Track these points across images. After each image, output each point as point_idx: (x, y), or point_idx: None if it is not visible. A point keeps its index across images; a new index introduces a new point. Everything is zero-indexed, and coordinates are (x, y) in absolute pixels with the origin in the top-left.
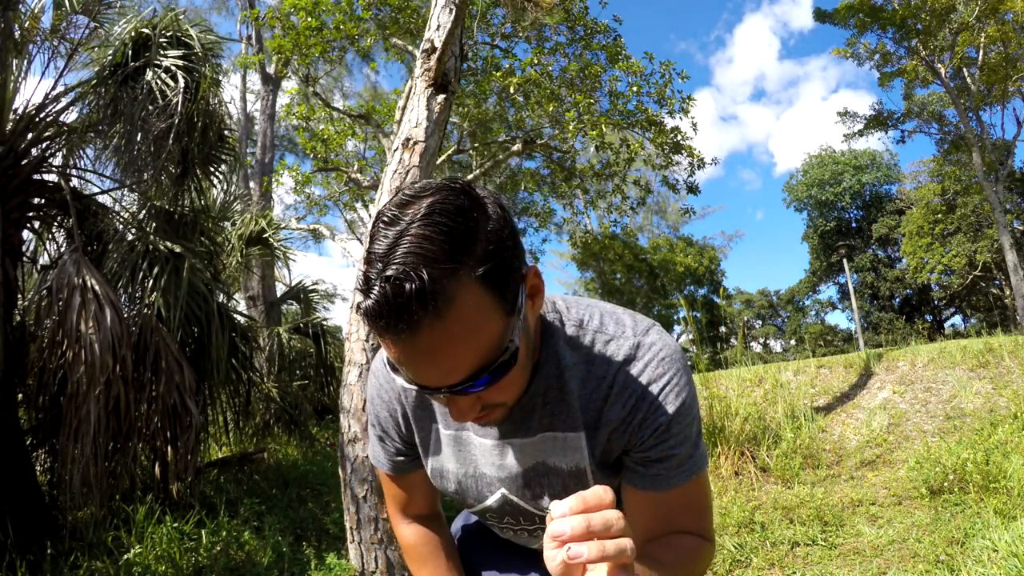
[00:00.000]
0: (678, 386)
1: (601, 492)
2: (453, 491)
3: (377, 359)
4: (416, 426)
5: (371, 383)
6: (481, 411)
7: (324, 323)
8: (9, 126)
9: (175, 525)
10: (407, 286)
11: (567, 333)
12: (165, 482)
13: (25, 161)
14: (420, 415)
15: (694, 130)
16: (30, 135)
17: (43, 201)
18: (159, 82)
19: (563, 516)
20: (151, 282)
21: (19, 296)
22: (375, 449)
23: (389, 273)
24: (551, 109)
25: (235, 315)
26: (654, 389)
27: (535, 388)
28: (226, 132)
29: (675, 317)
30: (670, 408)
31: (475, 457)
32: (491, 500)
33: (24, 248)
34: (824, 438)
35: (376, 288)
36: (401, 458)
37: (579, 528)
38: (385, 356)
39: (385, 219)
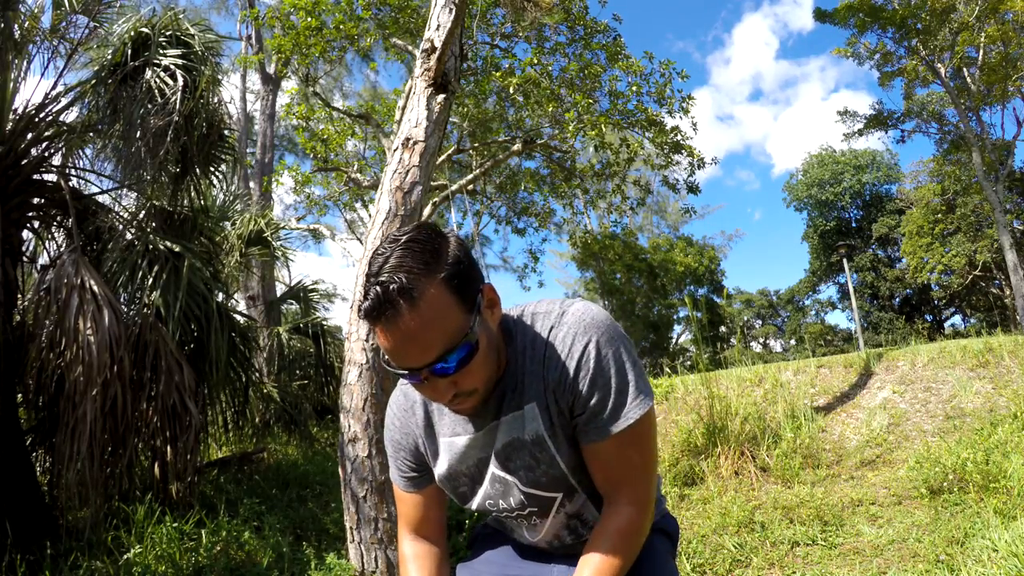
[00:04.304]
0: (599, 342)
1: None
2: (464, 484)
3: (395, 392)
4: (426, 442)
5: (389, 413)
6: (456, 397)
7: (324, 323)
8: (9, 126)
9: (175, 525)
10: (392, 286)
11: (520, 326)
12: (164, 482)
13: (25, 161)
14: (429, 433)
15: (694, 130)
16: (30, 135)
17: (43, 201)
18: (158, 81)
19: None
20: (150, 281)
21: (19, 296)
22: (391, 468)
23: (380, 279)
24: (551, 109)
25: (235, 315)
26: (577, 347)
27: (505, 380)
28: (226, 132)
29: (675, 317)
30: (593, 362)
31: (468, 452)
32: (486, 480)
33: (24, 248)
34: (824, 438)
35: (371, 291)
36: (413, 474)
37: None
38: (401, 382)
39: (378, 251)
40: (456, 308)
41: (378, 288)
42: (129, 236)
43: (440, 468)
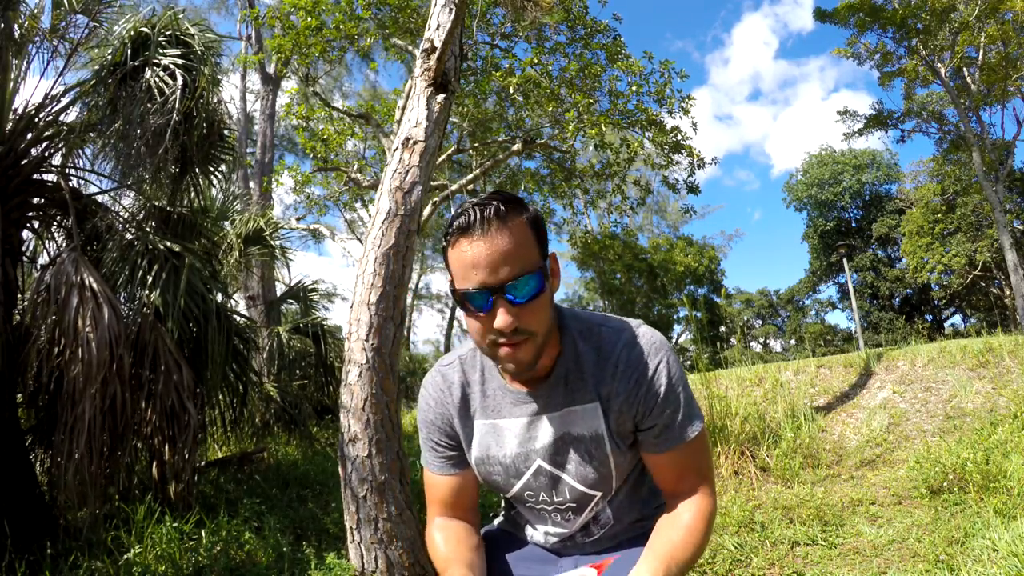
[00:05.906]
0: (668, 363)
1: None
2: (498, 473)
3: (431, 373)
4: (460, 424)
5: (423, 394)
6: (515, 333)
7: (324, 323)
8: (9, 126)
9: (175, 525)
10: (488, 207)
11: (579, 328)
12: (163, 482)
13: (25, 161)
14: (464, 415)
15: (694, 130)
16: (30, 135)
17: (43, 201)
18: (158, 80)
19: None
20: (150, 281)
21: (19, 296)
22: (425, 453)
23: (477, 202)
24: (551, 109)
25: (234, 315)
26: (651, 366)
27: (558, 371)
28: (225, 131)
29: (675, 317)
30: (665, 380)
31: (508, 440)
32: (529, 473)
33: (24, 248)
34: (824, 438)
35: (467, 209)
36: (450, 453)
37: None
38: (439, 364)
39: (467, 202)
40: (535, 246)
41: (474, 206)
42: (129, 236)
43: (476, 452)
